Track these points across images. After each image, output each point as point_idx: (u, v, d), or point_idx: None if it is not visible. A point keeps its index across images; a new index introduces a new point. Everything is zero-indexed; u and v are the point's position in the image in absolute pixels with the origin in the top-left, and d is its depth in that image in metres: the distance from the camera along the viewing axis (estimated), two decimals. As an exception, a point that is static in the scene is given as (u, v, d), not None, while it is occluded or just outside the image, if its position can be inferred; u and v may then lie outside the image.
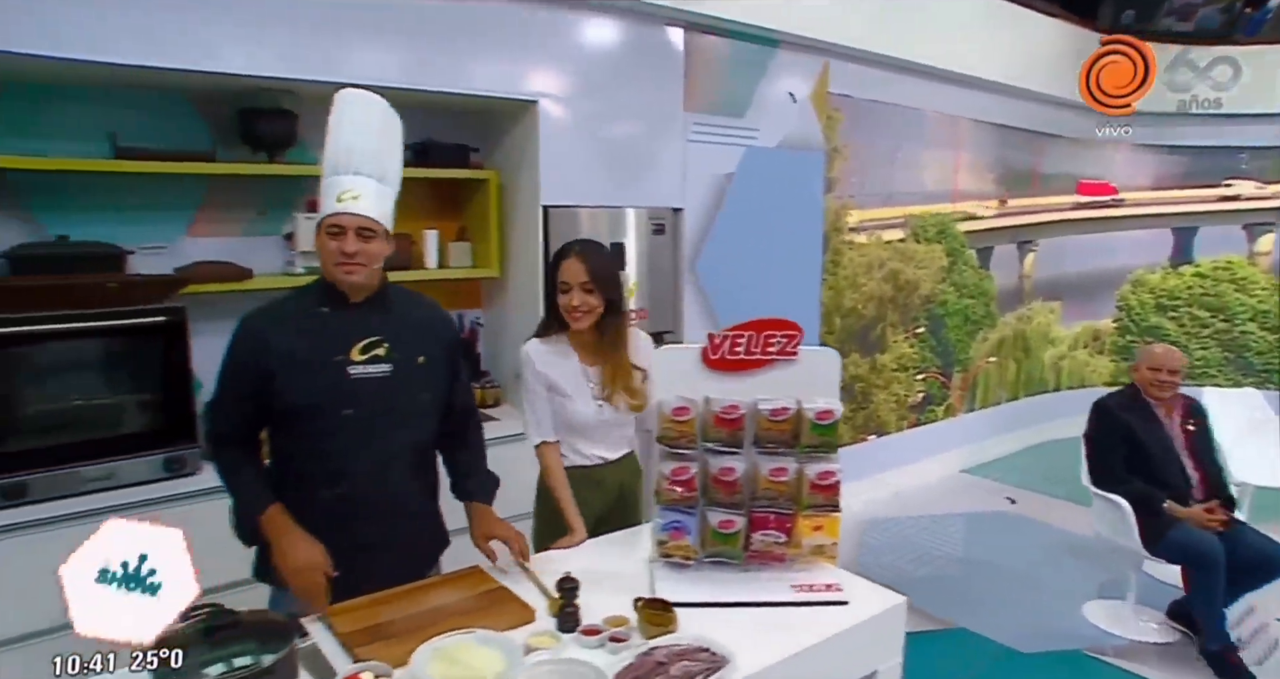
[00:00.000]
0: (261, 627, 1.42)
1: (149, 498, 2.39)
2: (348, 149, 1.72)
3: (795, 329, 1.80)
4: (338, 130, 1.73)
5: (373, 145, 1.75)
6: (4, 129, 2.55)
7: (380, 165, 1.76)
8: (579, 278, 2.01)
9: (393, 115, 1.80)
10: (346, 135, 1.73)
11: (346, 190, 1.70)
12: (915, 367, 5.01)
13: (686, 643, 1.52)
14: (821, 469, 1.77)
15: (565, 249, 2.09)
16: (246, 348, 1.72)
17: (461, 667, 1.43)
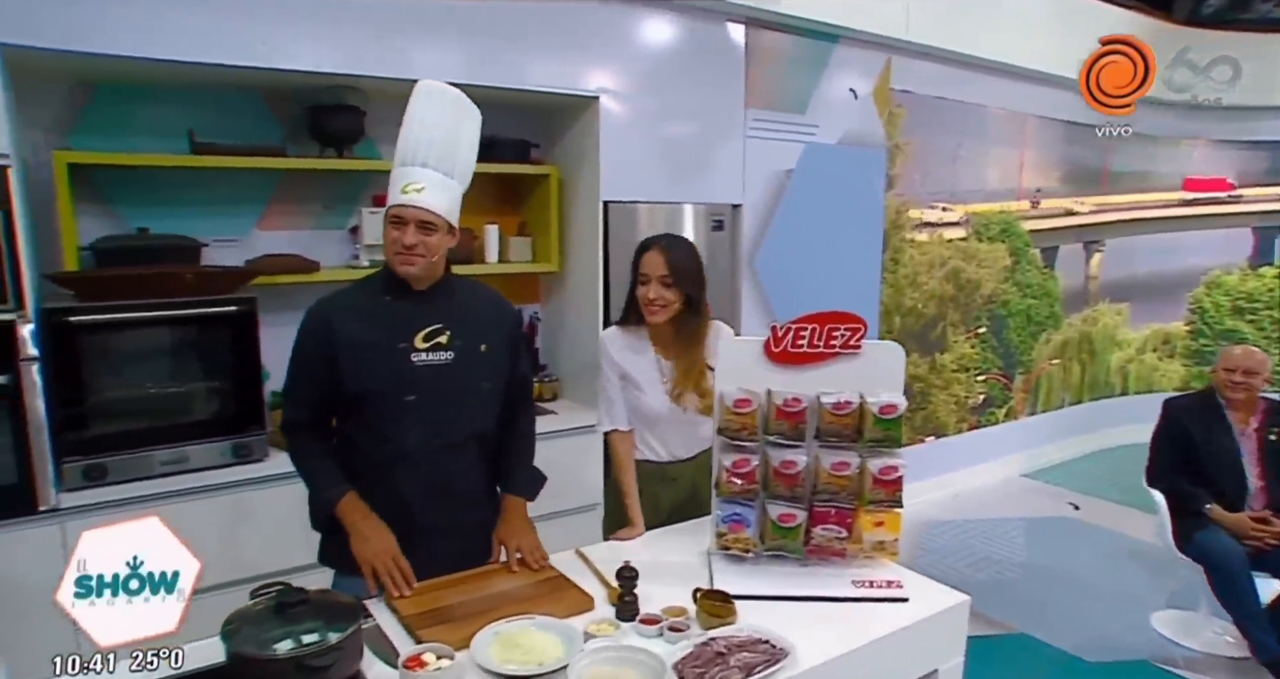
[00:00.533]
0: (328, 606, 1.45)
1: (218, 482, 2.47)
2: (415, 141, 1.73)
3: (859, 322, 1.77)
4: (408, 122, 1.75)
5: (441, 138, 1.75)
6: (93, 129, 2.67)
7: (448, 159, 1.76)
8: (658, 271, 2.01)
9: (468, 108, 1.80)
10: (415, 128, 1.74)
11: (411, 183, 1.72)
12: (976, 367, 4.90)
13: (746, 634, 1.51)
14: (884, 464, 1.74)
15: (648, 241, 2.08)
16: (313, 335, 1.76)
17: (522, 651, 1.45)
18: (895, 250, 4.32)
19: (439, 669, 1.38)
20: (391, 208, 1.72)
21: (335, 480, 1.77)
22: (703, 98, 3.42)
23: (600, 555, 1.94)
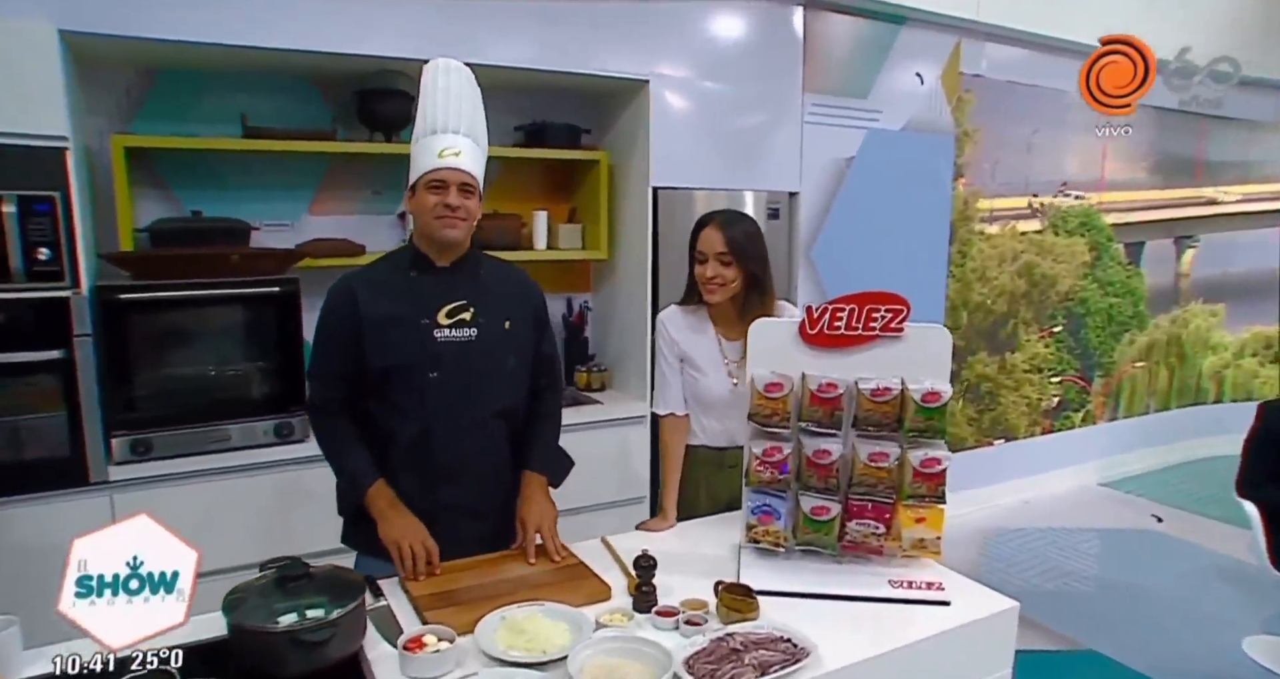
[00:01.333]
0: (333, 581, 1.42)
1: (259, 461, 2.50)
2: (444, 110, 1.71)
3: (902, 303, 1.65)
4: (433, 94, 1.73)
5: (468, 108, 1.75)
6: (155, 115, 2.75)
7: (475, 128, 1.76)
8: (715, 248, 1.93)
9: (477, 85, 1.80)
10: (442, 99, 1.72)
11: (448, 147, 1.69)
12: (1050, 368, 4.63)
13: (766, 632, 1.42)
14: (926, 456, 1.61)
15: (706, 218, 2.01)
16: (338, 311, 1.75)
17: (527, 637, 1.40)
18: (963, 243, 4.11)
19: (437, 651, 1.33)
20: (430, 173, 1.68)
21: (365, 467, 1.74)
22: (757, 82, 3.31)
23: (626, 545, 1.87)
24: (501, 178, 3.37)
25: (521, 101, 3.27)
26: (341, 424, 1.78)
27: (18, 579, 2.21)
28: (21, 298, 2.22)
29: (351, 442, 1.77)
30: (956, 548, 3.90)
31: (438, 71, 1.74)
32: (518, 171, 3.38)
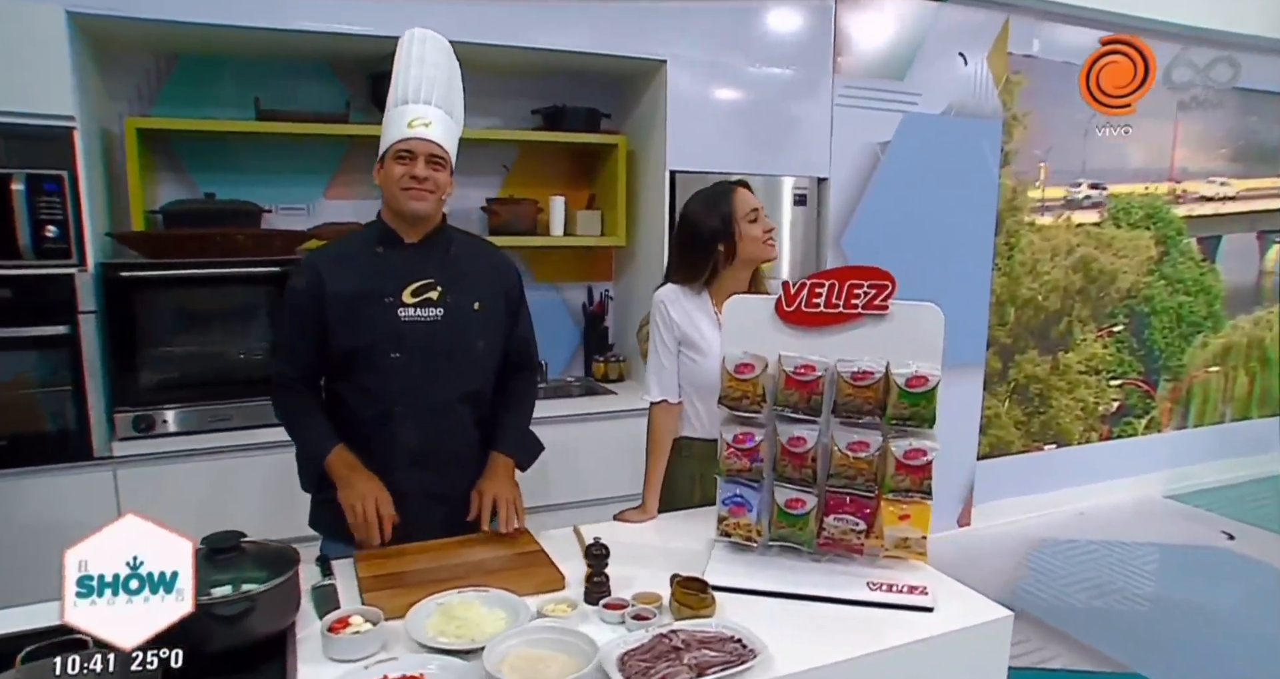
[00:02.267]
0: (267, 556, 1.38)
1: (259, 441, 2.50)
2: (416, 79, 1.67)
3: (886, 278, 1.51)
4: (407, 63, 1.68)
5: (442, 78, 1.70)
6: (174, 98, 2.80)
7: (449, 99, 1.71)
8: (754, 203, 1.91)
9: (453, 55, 1.75)
10: (416, 68, 1.68)
11: (418, 117, 1.64)
12: (1109, 371, 4.32)
13: (716, 630, 1.31)
14: (911, 446, 1.47)
15: (724, 187, 1.96)
16: (303, 288, 1.70)
17: (458, 623, 1.33)
18: (1010, 234, 3.87)
19: (358, 633, 1.27)
20: (398, 142, 1.64)
21: (324, 434, 1.70)
22: (784, 63, 3.17)
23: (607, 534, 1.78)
24: (520, 162, 3.33)
25: (540, 85, 3.22)
26: (301, 398, 1.74)
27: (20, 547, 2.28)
28: (29, 274, 2.27)
29: (311, 412, 1.74)
30: (994, 557, 3.70)
31: (413, 41, 1.70)
32: (536, 156, 3.33)
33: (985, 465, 3.97)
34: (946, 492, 3.89)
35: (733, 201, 1.90)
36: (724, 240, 1.89)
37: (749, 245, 1.90)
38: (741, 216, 1.89)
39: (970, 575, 3.44)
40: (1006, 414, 4.05)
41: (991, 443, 4.02)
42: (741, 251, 1.90)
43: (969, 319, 3.73)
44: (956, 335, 3.59)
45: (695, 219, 1.92)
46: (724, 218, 1.89)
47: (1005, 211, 3.81)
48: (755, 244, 1.90)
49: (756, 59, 3.12)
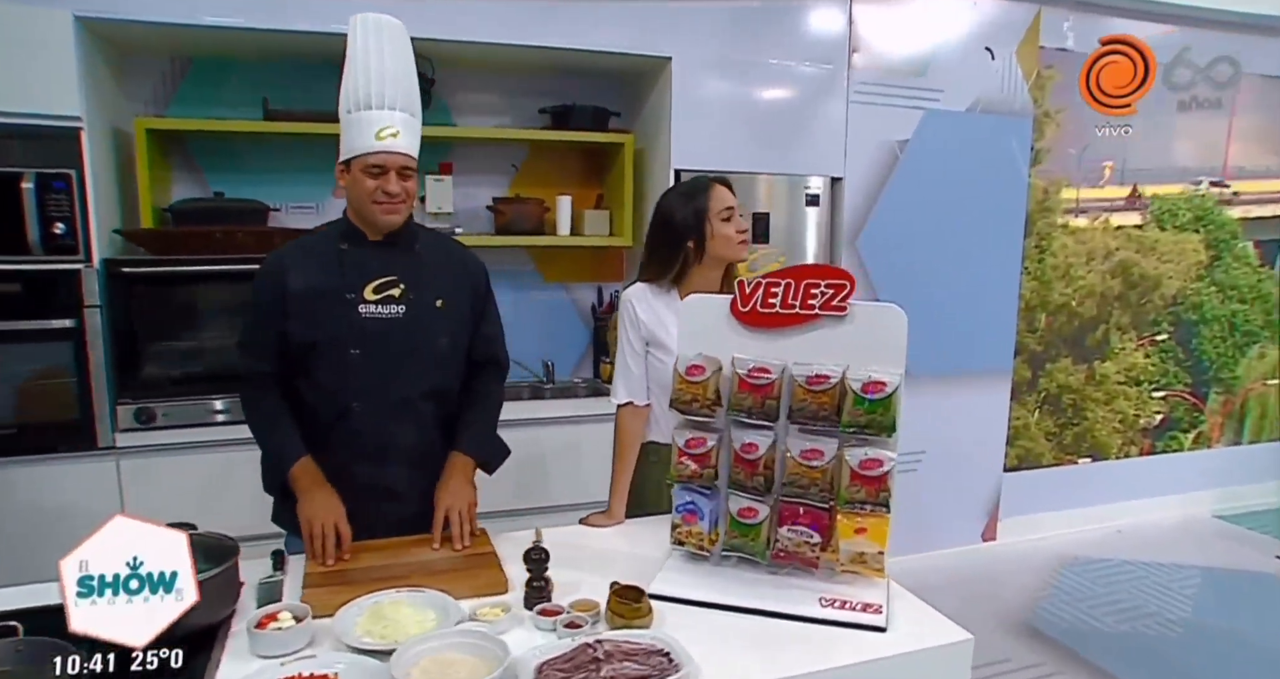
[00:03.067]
0: (210, 548, 1.38)
1: (253, 436, 2.53)
2: (379, 80, 1.61)
3: (844, 277, 1.44)
4: (364, 59, 1.63)
5: (400, 74, 1.65)
6: (189, 99, 2.87)
7: (410, 97, 1.67)
8: (730, 201, 1.87)
9: (408, 42, 1.69)
10: (376, 64, 1.63)
11: (385, 127, 1.61)
12: (1152, 381, 4.09)
13: (645, 642, 1.26)
14: (867, 456, 1.39)
15: (701, 182, 1.91)
16: (265, 284, 1.70)
17: (385, 624, 1.31)
18: (1041, 236, 3.70)
19: (280, 629, 1.26)
20: (369, 156, 1.61)
21: (291, 444, 1.69)
22: (796, 59, 3.10)
23: (561, 538, 1.75)
24: (529, 161, 3.32)
25: (549, 83, 3.21)
26: (269, 399, 1.73)
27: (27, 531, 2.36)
28: (38, 269, 2.35)
29: (279, 417, 1.72)
30: (1019, 574, 3.54)
31: (368, 32, 1.63)
32: (545, 155, 3.32)
33: (1013, 478, 3.80)
34: (970, 505, 3.74)
35: (708, 197, 1.86)
36: (694, 236, 1.85)
37: (720, 244, 1.85)
38: (715, 213, 1.84)
39: (991, 592, 3.33)
40: (1036, 425, 3.87)
41: (1020, 454, 3.85)
42: (711, 249, 1.85)
43: (995, 324, 3.58)
44: (981, 341, 3.51)
45: (668, 212, 1.88)
46: (697, 212, 1.85)
47: (1036, 212, 3.64)
48: (727, 243, 1.85)
49: (767, 55, 3.05)
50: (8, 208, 2.29)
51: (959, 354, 3.51)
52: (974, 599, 3.34)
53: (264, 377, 1.73)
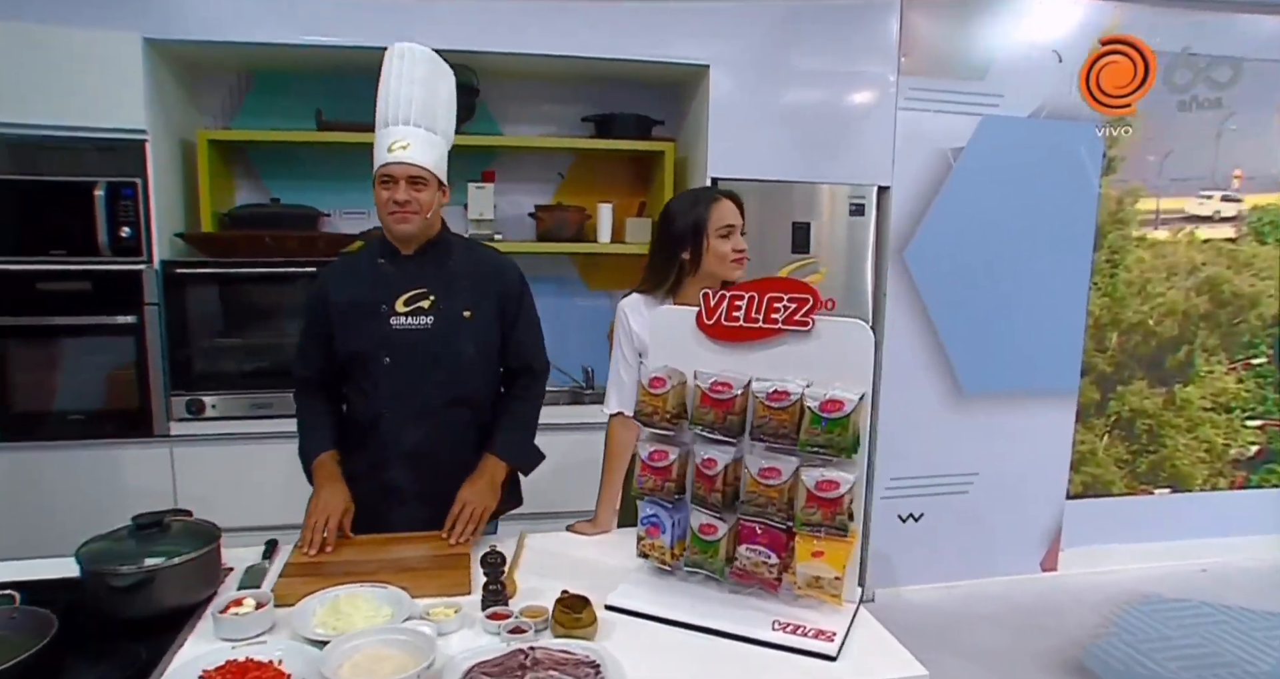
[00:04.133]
0: (191, 534, 1.48)
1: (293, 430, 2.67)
2: (394, 100, 1.72)
3: (807, 292, 1.39)
4: (386, 83, 1.73)
5: (420, 96, 1.73)
6: (253, 111, 3.07)
7: (429, 115, 1.75)
8: (732, 219, 1.84)
9: (442, 67, 1.79)
10: (395, 86, 1.73)
11: (396, 140, 1.71)
12: (1245, 409, 3.76)
13: (579, 653, 1.26)
14: (824, 476, 1.35)
15: (709, 193, 1.91)
16: (315, 297, 1.84)
17: (337, 616, 1.36)
18: (1114, 250, 3.46)
19: (236, 615, 1.33)
20: (380, 169, 1.72)
21: (318, 440, 1.81)
22: (840, 64, 3.02)
23: (542, 544, 1.78)
24: (575, 169, 3.37)
25: (593, 92, 3.25)
26: (313, 400, 1.87)
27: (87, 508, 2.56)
28: (105, 270, 2.57)
29: (317, 416, 1.86)
30: (1076, 608, 3.32)
31: (393, 58, 1.74)
32: (591, 163, 3.36)
33: (1077, 505, 3.57)
34: (1029, 532, 3.54)
35: (709, 210, 1.84)
36: (689, 247, 1.84)
37: (713, 260, 1.83)
38: (714, 229, 1.83)
39: (1044, 626, 3.15)
40: (1105, 451, 3.61)
41: (1086, 481, 3.61)
42: (705, 264, 1.84)
43: (1059, 343, 3.37)
44: (1043, 360, 3.33)
45: (669, 217, 1.88)
46: (696, 224, 1.83)
47: (1108, 224, 3.41)
48: (720, 261, 1.83)
49: (810, 60, 2.99)
50: (81, 213, 2.51)
51: (1017, 372, 3.33)
52: (1024, 631, 3.16)
53: (309, 381, 1.87)
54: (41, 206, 2.52)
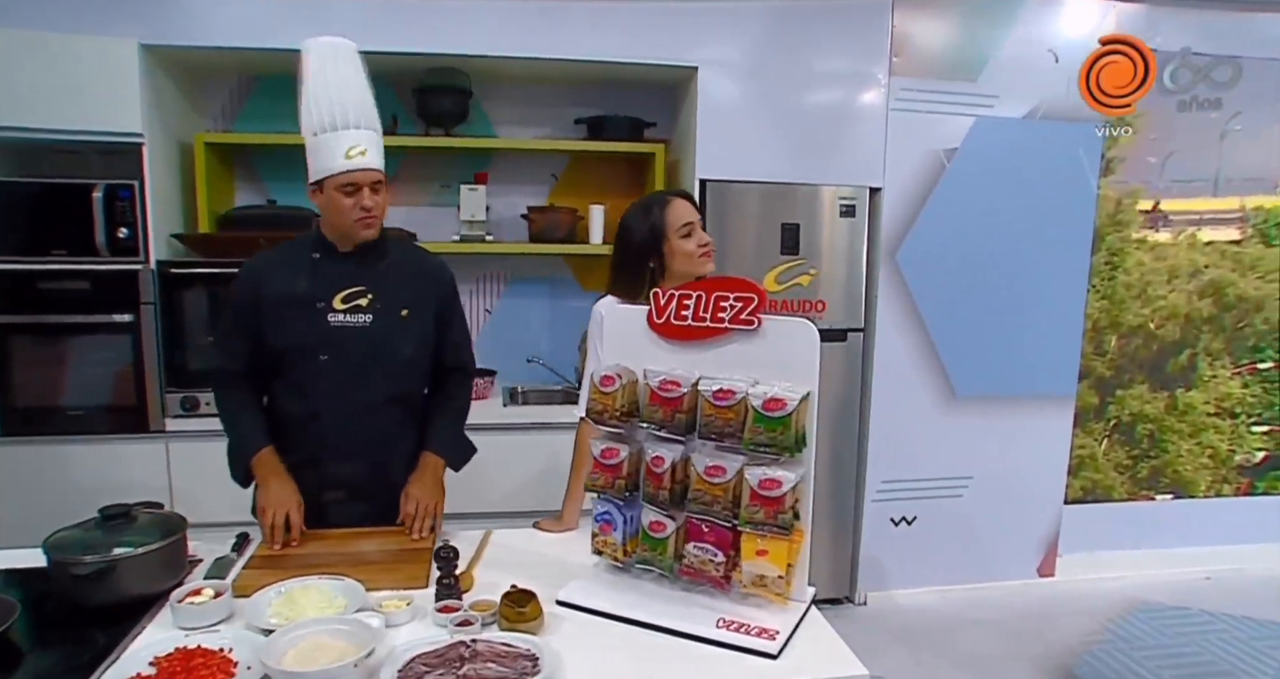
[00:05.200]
0: (157, 526, 1.52)
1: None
2: (341, 103, 1.69)
3: (753, 291, 1.40)
4: (322, 86, 1.70)
5: (361, 95, 1.73)
6: (254, 115, 3.14)
7: (370, 115, 1.74)
8: (692, 216, 1.84)
9: (357, 58, 1.75)
10: (336, 90, 1.70)
11: (353, 146, 1.70)
12: (1251, 414, 3.69)
13: (519, 646, 1.28)
14: (766, 475, 1.36)
15: (659, 197, 1.90)
16: (242, 289, 1.81)
17: (291, 606, 1.39)
18: (1113, 252, 3.42)
19: (193, 603, 1.37)
20: (341, 175, 1.69)
21: (254, 434, 1.80)
22: (830, 65, 3.02)
23: (508, 540, 1.81)
24: (568, 171, 3.40)
25: (587, 94, 3.27)
26: (238, 394, 1.84)
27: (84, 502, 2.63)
28: (103, 270, 2.63)
29: (246, 408, 1.83)
30: (1072, 615, 3.29)
31: (325, 57, 1.71)
32: (584, 165, 3.38)
33: (1075, 511, 3.53)
34: (1026, 537, 3.50)
35: (665, 213, 1.84)
36: (654, 255, 1.84)
37: (681, 260, 1.84)
38: (674, 230, 1.83)
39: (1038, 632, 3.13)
40: (1104, 455, 3.57)
41: (1085, 486, 3.57)
42: (673, 267, 1.84)
43: (1056, 346, 3.34)
44: (1040, 363, 3.30)
45: (627, 230, 1.89)
46: (654, 231, 1.84)
47: (1106, 226, 3.37)
48: (688, 259, 1.83)
49: (800, 62, 2.99)
50: (81, 214, 2.58)
51: (1013, 376, 3.30)
52: (1017, 637, 3.13)
53: (234, 374, 1.83)
54: (43, 208, 2.59)
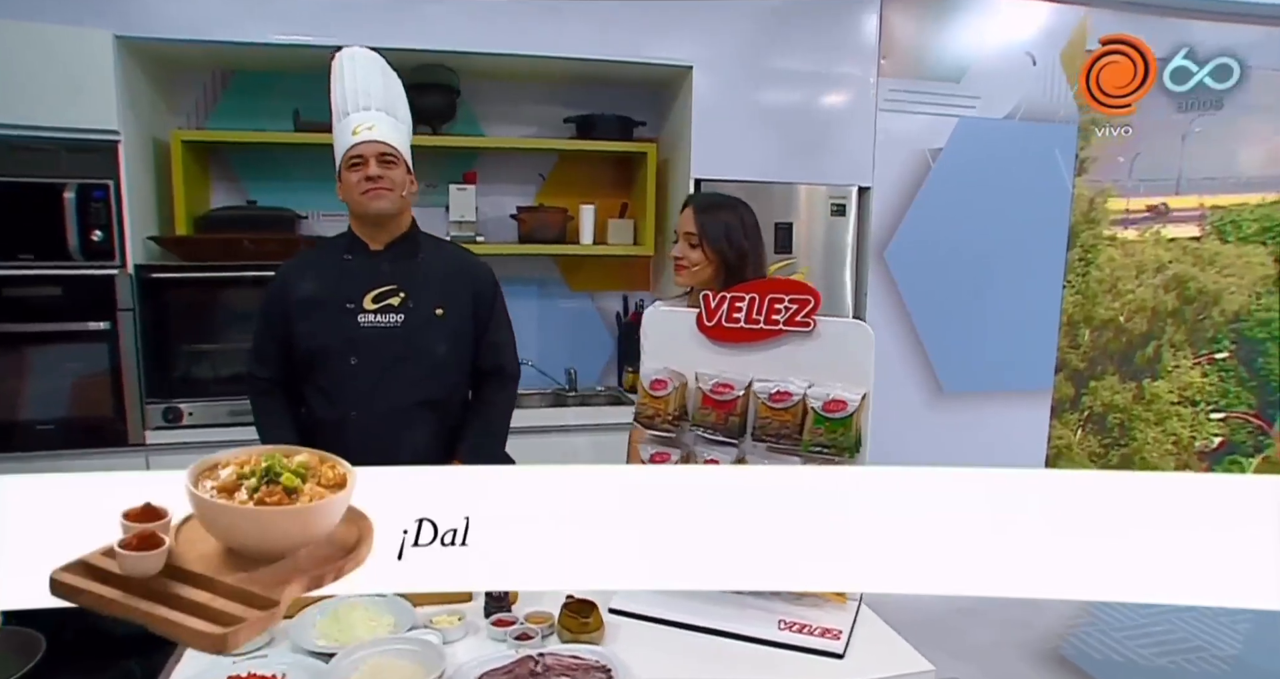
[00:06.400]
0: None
1: (276, 435, 2.62)
2: (353, 92, 1.71)
3: (808, 293, 1.40)
4: (341, 77, 1.73)
5: (379, 84, 1.73)
6: (229, 112, 3.00)
7: (389, 101, 1.74)
8: (685, 228, 1.83)
9: (388, 68, 1.79)
10: (350, 82, 1.72)
11: (360, 123, 1.70)
12: (1209, 402, 3.86)
13: (589, 658, 1.26)
14: (827, 477, 1.35)
15: (688, 199, 1.93)
16: (273, 294, 1.79)
17: (338, 626, 1.34)
18: (1086, 249, 3.53)
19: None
20: (348, 151, 1.69)
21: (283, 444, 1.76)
22: (821, 66, 3.05)
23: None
24: (557, 171, 3.35)
25: (575, 93, 3.23)
26: (271, 402, 1.81)
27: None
28: (76, 274, 2.49)
29: (276, 419, 1.80)
30: (1056, 603, 3.37)
31: (343, 61, 1.74)
32: (573, 165, 3.34)
33: (1053, 500, 3.63)
34: (1007, 526, 3.59)
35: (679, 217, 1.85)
36: None
37: None
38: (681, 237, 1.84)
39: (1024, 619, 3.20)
40: (1079, 445, 3.69)
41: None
42: None
43: (1034, 340, 3.43)
44: (1020, 357, 3.38)
45: None
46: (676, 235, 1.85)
47: (1080, 224, 3.49)
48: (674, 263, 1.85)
49: (792, 62, 3.01)
50: (50, 216, 2.43)
51: (995, 370, 3.38)
52: (1004, 625, 3.21)
53: (268, 382, 1.81)
54: (8, 209, 2.43)
